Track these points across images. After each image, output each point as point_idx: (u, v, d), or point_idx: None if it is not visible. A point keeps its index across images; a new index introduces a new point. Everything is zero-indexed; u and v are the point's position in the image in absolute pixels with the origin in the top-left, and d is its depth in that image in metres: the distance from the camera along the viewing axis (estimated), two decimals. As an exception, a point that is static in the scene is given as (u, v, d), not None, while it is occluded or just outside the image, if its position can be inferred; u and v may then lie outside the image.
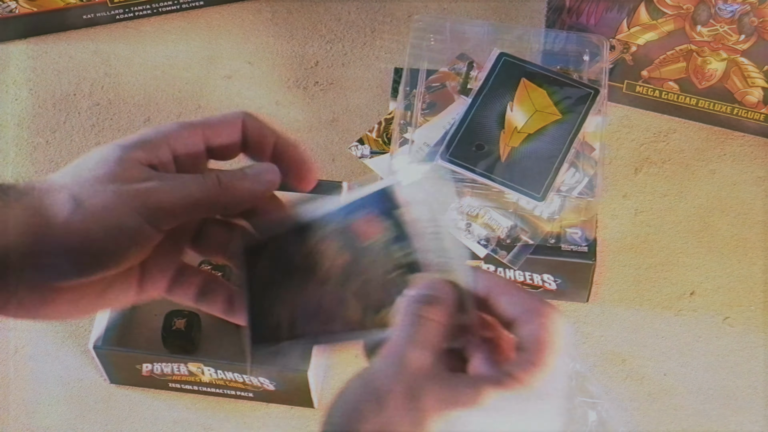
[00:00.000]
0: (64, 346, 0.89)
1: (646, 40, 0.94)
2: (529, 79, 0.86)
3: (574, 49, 0.90)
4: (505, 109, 0.83)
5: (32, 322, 0.79)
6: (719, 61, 0.94)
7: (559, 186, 0.82)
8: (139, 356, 0.82)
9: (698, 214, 0.95)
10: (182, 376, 0.83)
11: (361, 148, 0.90)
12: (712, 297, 0.91)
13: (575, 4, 0.93)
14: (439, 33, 0.91)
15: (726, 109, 0.98)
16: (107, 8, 1.06)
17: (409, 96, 0.89)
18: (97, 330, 0.83)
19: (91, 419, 0.85)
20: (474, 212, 0.84)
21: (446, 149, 0.81)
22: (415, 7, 1.08)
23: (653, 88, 0.98)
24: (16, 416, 0.86)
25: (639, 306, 0.90)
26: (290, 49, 1.06)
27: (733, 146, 0.99)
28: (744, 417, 0.85)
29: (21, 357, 0.88)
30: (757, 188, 0.96)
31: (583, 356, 0.87)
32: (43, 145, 0.99)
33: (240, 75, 1.04)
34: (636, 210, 0.95)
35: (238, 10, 1.08)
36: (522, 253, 0.84)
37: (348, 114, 1.01)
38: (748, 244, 0.93)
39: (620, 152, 0.98)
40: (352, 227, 0.63)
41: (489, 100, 0.83)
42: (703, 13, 0.91)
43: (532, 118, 0.81)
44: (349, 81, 1.03)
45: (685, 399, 0.86)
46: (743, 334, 0.89)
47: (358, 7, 1.07)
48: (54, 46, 1.06)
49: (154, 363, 0.82)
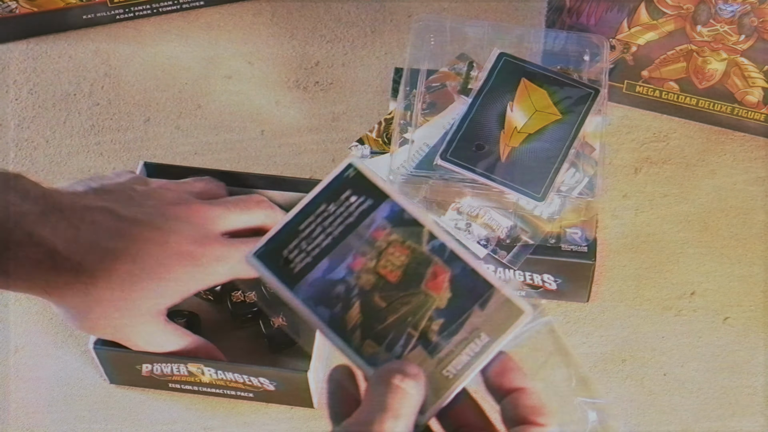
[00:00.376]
0: (64, 346, 0.88)
1: (647, 40, 0.94)
2: (529, 79, 0.86)
3: (574, 49, 0.90)
4: (505, 109, 0.83)
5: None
6: (719, 61, 0.94)
7: (559, 186, 0.82)
8: (138, 356, 0.82)
9: (698, 214, 0.95)
10: (182, 376, 0.83)
11: (361, 148, 0.90)
12: (712, 297, 0.91)
13: (575, 4, 0.93)
14: (439, 33, 0.91)
15: (726, 109, 0.98)
16: (107, 8, 1.06)
17: (409, 96, 0.89)
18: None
19: (92, 419, 0.85)
20: (474, 212, 0.84)
21: (446, 149, 0.81)
22: (415, 7, 1.08)
23: (653, 88, 0.98)
24: (16, 416, 0.85)
25: (639, 306, 0.90)
26: (290, 49, 1.06)
27: (733, 146, 0.99)
28: (744, 417, 0.85)
29: (21, 357, 0.88)
30: (757, 188, 0.96)
31: (583, 356, 0.88)
32: (43, 145, 0.99)
33: (240, 75, 1.04)
34: (636, 210, 0.95)
35: (238, 10, 1.08)
36: (522, 253, 0.84)
37: (348, 114, 1.01)
38: (748, 244, 0.93)
39: (620, 152, 0.98)
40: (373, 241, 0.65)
41: (489, 100, 0.83)
42: (703, 13, 0.91)
43: (532, 118, 0.81)
44: (349, 81, 1.03)
45: (685, 399, 0.86)
46: (743, 334, 0.89)
47: (358, 7, 1.07)
48: (54, 46, 1.06)
49: (154, 363, 0.82)
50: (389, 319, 0.62)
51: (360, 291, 0.64)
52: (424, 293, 0.64)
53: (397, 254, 0.65)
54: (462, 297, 0.63)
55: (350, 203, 0.65)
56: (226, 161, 0.97)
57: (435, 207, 0.85)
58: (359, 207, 0.65)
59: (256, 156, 0.99)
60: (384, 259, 0.64)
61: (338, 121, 1.01)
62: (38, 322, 0.90)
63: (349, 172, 0.66)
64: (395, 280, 0.64)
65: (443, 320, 0.63)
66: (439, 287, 0.64)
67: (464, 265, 0.64)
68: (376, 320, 0.62)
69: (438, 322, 0.62)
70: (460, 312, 0.63)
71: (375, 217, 0.65)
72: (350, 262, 0.64)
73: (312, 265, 0.64)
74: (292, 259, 0.65)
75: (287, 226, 0.65)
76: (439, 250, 0.64)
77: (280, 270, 0.64)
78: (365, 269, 0.64)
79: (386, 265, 0.64)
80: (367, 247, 0.65)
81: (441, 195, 0.84)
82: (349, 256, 0.64)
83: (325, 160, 0.98)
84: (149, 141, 1.00)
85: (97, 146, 0.99)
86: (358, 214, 0.65)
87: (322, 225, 0.65)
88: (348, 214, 0.65)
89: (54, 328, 0.89)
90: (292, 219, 0.65)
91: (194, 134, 1.00)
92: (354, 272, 0.64)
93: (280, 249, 0.65)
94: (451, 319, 0.63)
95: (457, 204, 0.84)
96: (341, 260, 0.64)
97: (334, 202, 0.65)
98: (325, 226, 0.65)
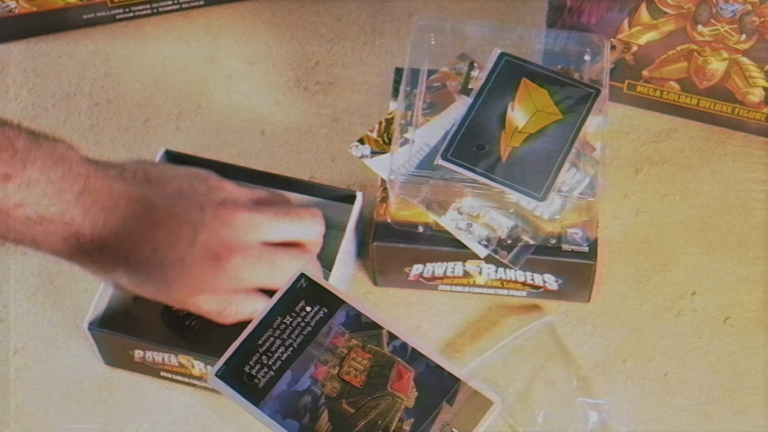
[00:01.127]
0: (63, 346, 0.88)
1: (647, 39, 0.94)
2: (530, 79, 0.85)
3: (575, 49, 0.90)
4: (506, 109, 0.83)
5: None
6: (720, 60, 0.94)
7: (560, 186, 0.82)
8: (131, 342, 0.82)
9: (699, 214, 0.95)
10: (173, 366, 0.83)
11: (362, 148, 0.90)
12: (713, 297, 0.91)
13: (576, 3, 0.93)
14: (439, 33, 0.91)
15: (727, 109, 0.98)
16: (107, 8, 1.05)
17: (409, 96, 0.89)
18: (96, 311, 0.83)
19: (91, 420, 0.85)
20: (475, 212, 0.84)
21: (447, 149, 0.81)
22: (415, 7, 1.08)
23: (654, 87, 0.98)
24: (16, 416, 0.85)
25: (639, 306, 0.90)
26: (290, 49, 1.05)
27: (734, 146, 0.98)
28: (744, 417, 0.85)
29: (21, 357, 0.88)
30: (758, 188, 0.96)
31: (584, 356, 0.87)
32: (43, 145, 0.99)
33: (240, 75, 1.04)
34: (637, 210, 0.95)
35: (238, 10, 1.08)
36: (523, 253, 0.84)
37: (348, 114, 1.01)
38: (749, 244, 0.93)
39: (621, 152, 0.98)
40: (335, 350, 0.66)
41: (490, 100, 0.83)
42: (704, 13, 0.91)
43: (533, 118, 0.81)
44: (349, 81, 1.03)
45: (685, 399, 0.86)
46: (744, 334, 0.89)
47: (358, 7, 1.07)
48: (54, 46, 1.06)
49: (146, 350, 0.82)
50: (359, 424, 0.62)
51: (326, 399, 0.64)
52: (391, 395, 0.64)
53: (359, 359, 0.66)
54: (429, 394, 0.64)
55: (306, 313, 0.67)
56: (226, 161, 0.97)
57: (435, 207, 0.84)
58: (315, 316, 0.67)
59: (256, 156, 0.99)
60: (347, 365, 0.66)
61: (338, 121, 1.01)
62: (38, 322, 0.90)
63: (301, 282, 0.68)
64: (360, 385, 0.65)
65: (413, 420, 0.63)
66: (405, 387, 0.65)
67: (427, 362, 0.65)
68: (345, 427, 0.62)
69: (408, 422, 0.63)
70: (430, 410, 0.63)
71: (332, 325, 0.67)
72: (313, 372, 0.65)
73: (275, 378, 0.65)
74: (255, 375, 0.66)
75: (246, 343, 0.66)
76: (401, 350, 0.66)
77: (245, 387, 0.65)
78: (329, 377, 0.65)
79: (350, 371, 0.65)
80: (328, 355, 0.66)
81: (442, 195, 0.84)
82: (311, 366, 0.66)
83: (325, 160, 0.98)
84: (149, 141, 1.00)
85: (97, 146, 0.99)
86: (314, 323, 0.67)
87: (280, 338, 0.66)
88: (305, 324, 0.67)
89: (54, 328, 0.89)
90: (250, 335, 0.66)
91: (194, 134, 1.00)
92: (318, 381, 0.65)
93: (241, 366, 0.66)
94: (421, 418, 0.63)
95: (457, 204, 0.84)
96: (304, 370, 0.65)
97: (290, 314, 0.67)
98: (284, 338, 0.66)
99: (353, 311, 0.67)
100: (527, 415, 0.84)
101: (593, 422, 0.84)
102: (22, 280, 0.92)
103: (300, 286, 0.67)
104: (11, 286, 0.91)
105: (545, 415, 0.84)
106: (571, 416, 0.85)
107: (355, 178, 0.96)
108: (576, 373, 0.87)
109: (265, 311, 0.67)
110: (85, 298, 0.90)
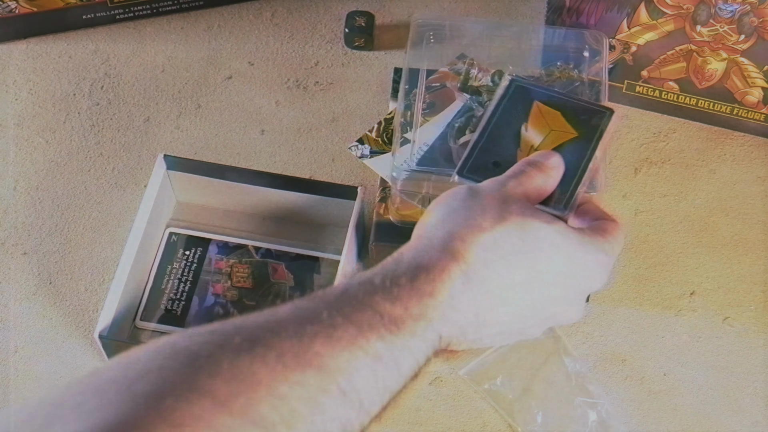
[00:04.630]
0: (64, 346, 0.88)
1: (646, 40, 0.94)
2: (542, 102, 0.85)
3: (573, 46, 0.90)
4: (520, 130, 0.83)
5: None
6: (719, 61, 0.94)
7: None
8: None
9: (698, 214, 0.95)
10: None
11: (361, 147, 0.90)
12: (712, 297, 0.91)
13: (575, 3, 0.93)
14: (439, 32, 0.91)
15: (726, 109, 0.98)
16: (107, 8, 1.06)
17: (409, 96, 0.89)
18: (104, 320, 0.83)
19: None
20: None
21: (463, 165, 0.81)
22: (415, 7, 1.08)
23: (653, 88, 0.98)
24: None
25: (639, 306, 0.90)
26: (290, 49, 1.06)
27: (733, 146, 0.99)
28: (744, 417, 0.85)
29: (21, 357, 0.88)
30: (757, 188, 0.96)
31: (583, 356, 0.88)
32: (43, 145, 0.99)
33: (240, 75, 1.04)
34: (636, 210, 0.95)
35: (238, 10, 1.08)
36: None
37: (348, 114, 1.01)
38: (748, 244, 0.93)
39: (620, 152, 0.98)
40: None
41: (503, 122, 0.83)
42: (703, 13, 0.91)
43: (548, 137, 0.81)
44: (349, 81, 1.03)
45: (685, 399, 0.86)
46: (743, 334, 0.89)
47: (359, 7, 1.07)
48: (54, 46, 1.06)
49: None
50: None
51: (232, 304, 0.88)
52: (276, 283, 0.89)
53: (241, 270, 0.90)
54: (301, 273, 0.90)
55: (187, 255, 0.91)
56: (226, 161, 0.97)
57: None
58: (195, 255, 0.91)
59: (256, 156, 0.99)
60: (234, 277, 0.89)
61: (338, 120, 1.01)
62: (38, 322, 0.90)
63: (172, 239, 0.91)
64: (251, 286, 0.89)
65: (298, 293, 0.88)
66: (283, 275, 0.90)
67: (289, 255, 0.90)
68: None
69: (296, 295, 0.88)
70: (307, 283, 0.89)
71: (210, 256, 0.91)
72: (212, 291, 0.89)
73: (187, 305, 0.88)
74: (171, 308, 0.88)
75: (152, 293, 0.89)
76: (267, 254, 0.90)
77: (168, 318, 0.87)
78: (226, 289, 0.89)
79: (239, 280, 0.89)
80: (218, 276, 0.89)
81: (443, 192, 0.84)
82: (210, 287, 0.89)
83: (325, 160, 0.98)
84: (149, 141, 1.00)
85: (97, 146, 0.99)
86: (197, 259, 0.90)
87: (177, 278, 0.89)
88: (191, 263, 0.90)
89: (54, 328, 0.89)
90: (153, 286, 0.89)
91: (194, 134, 1.00)
92: (220, 295, 0.89)
93: (158, 304, 0.88)
94: (303, 291, 0.89)
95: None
96: (205, 293, 0.89)
97: (176, 260, 0.90)
98: (180, 278, 0.89)
99: (221, 242, 0.91)
100: (526, 415, 0.84)
101: (592, 422, 0.84)
102: (22, 280, 0.92)
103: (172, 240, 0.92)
104: (11, 286, 0.91)
105: (544, 414, 0.84)
106: (571, 416, 0.85)
107: (355, 178, 0.96)
108: (575, 373, 0.87)
109: (156, 268, 0.90)
110: (86, 297, 0.90)
